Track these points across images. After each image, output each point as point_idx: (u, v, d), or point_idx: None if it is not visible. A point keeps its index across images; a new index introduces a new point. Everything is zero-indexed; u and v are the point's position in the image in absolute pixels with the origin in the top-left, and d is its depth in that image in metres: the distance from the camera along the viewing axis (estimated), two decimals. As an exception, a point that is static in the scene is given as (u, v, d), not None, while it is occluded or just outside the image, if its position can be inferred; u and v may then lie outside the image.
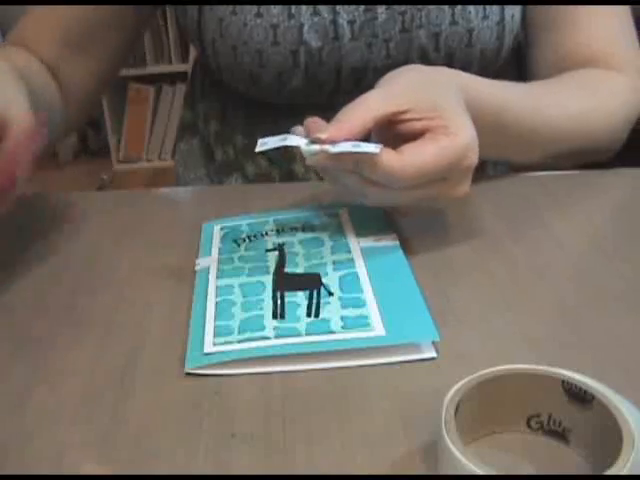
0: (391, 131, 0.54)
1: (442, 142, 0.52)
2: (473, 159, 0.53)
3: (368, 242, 0.57)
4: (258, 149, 0.54)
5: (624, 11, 0.76)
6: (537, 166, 0.71)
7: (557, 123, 0.67)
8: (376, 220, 0.60)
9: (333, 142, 0.51)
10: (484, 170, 0.83)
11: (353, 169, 0.52)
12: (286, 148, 0.53)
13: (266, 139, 0.54)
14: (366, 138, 0.52)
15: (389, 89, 0.56)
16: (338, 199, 0.63)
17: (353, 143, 0.50)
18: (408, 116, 0.53)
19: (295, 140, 0.53)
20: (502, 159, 0.74)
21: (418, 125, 0.53)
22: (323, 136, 0.51)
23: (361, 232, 0.58)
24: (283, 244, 0.57)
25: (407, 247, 0.57)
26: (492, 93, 0.62)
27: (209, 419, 0.42)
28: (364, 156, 0.50)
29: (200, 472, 0.38)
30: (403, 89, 0.55)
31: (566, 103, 0.69)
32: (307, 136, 0.53)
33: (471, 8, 0.73)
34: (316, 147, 0.51)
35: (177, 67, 2.93)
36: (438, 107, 0.53)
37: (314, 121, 0.54)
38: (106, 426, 0.41)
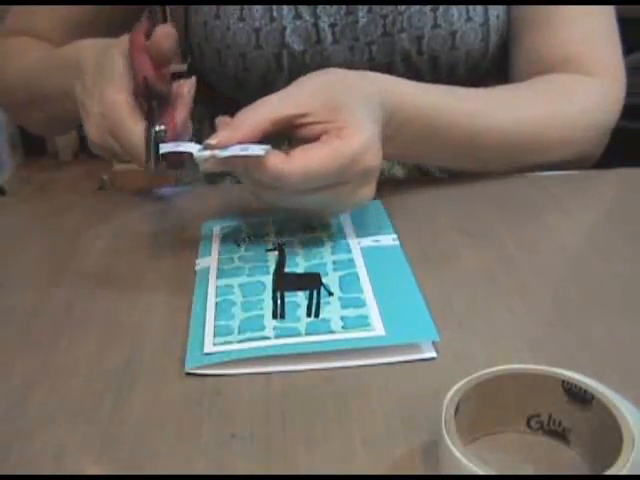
0: (294, 135, 0.54)
1: (333, 144, 0.51)
2: (369, 162, 0.52)
3: (368, 242, 0.57)
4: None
5: (606, 14, 0.74)
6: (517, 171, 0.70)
7: (504, 127, 0.65)
8: (376, 220, 0.60)
9: (225, 147, 0.51)
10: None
11: (243, 172, 0.53)
12: None
13: (163, 145, 0.54)
14: (267, 140, 0.52)
15: (291, 92, 0.55)
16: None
17: (242, 146, 0.51)
18: (308, 120, 0.53)
19: (188, 146, 0.53)
20: (451, 168, 0.72)
21: (317, 129, 0.53)
22: (213, 142, 0.51)
23: (361, 232, 0.58)
24: (283, 244, 0.57)
25: (407, 247, 0.57)
26: (422, 97, 0.61)
27: (209, 419, 0.42)
28: (252, 159, 0.50)
29: (200, 472, 0.38)
30: (306, 92, 0.55)
31: (518, 108, 0.67)
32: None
33: (454, 11, 0.72)
34: (206, 153, 0.52)
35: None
36: (337, 110, 0.53)
37: (221, 120, 0.54)
38: (106, 426, 0.41)
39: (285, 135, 0.55)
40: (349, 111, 0.53)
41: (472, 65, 0.75)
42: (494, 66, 0.78)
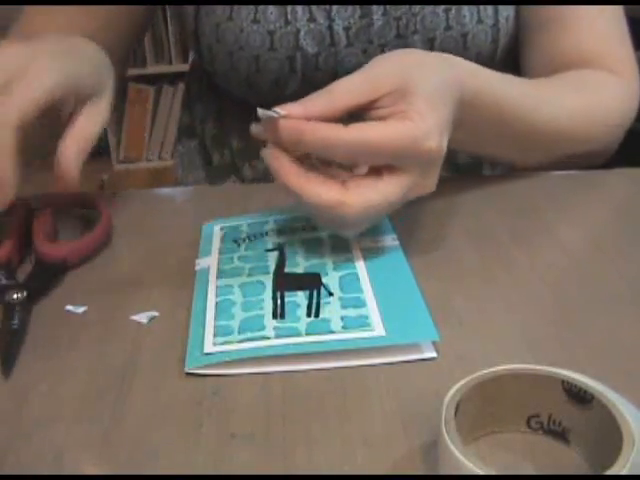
0: (361, 115, 0.52)
1: (395, 125, 0.50)
2: (429, 146, 0.50)
3: (368, 242, 0.57)
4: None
5: (616, 12, 0.75)
6: (538, 167, 0.71)
7: (558, 122, 0.67)
8: (376, 220, 0.60)
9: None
10: (480, 170, 0.83)
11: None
12: None
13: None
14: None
15: (369, 76, 0.53)
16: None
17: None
18: (378, 104, 0.52)
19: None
20: (504, 159, 0.73)
21: (384, 112, 0.51)
22: (282, 112, 0.50)
23: (361, 232, 0.58)
24: (283, 244, 0.57)
25: (407, 247, 0.57)
26: (496, 86, 0.61)
27: (209, 419, 0.42)
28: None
29: (200, 472, 0.38)
30: (383, 77, 0.52)
31: (566, 102, 0.68)
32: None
33: (466, 12, 0.73)
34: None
35: (177, 67, 2.93)
36: (409, 94, 0.51)
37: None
38: (106, 426, 0.41)
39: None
40: (420, 96, 0.51)
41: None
42: (501, 69, 0.78)
